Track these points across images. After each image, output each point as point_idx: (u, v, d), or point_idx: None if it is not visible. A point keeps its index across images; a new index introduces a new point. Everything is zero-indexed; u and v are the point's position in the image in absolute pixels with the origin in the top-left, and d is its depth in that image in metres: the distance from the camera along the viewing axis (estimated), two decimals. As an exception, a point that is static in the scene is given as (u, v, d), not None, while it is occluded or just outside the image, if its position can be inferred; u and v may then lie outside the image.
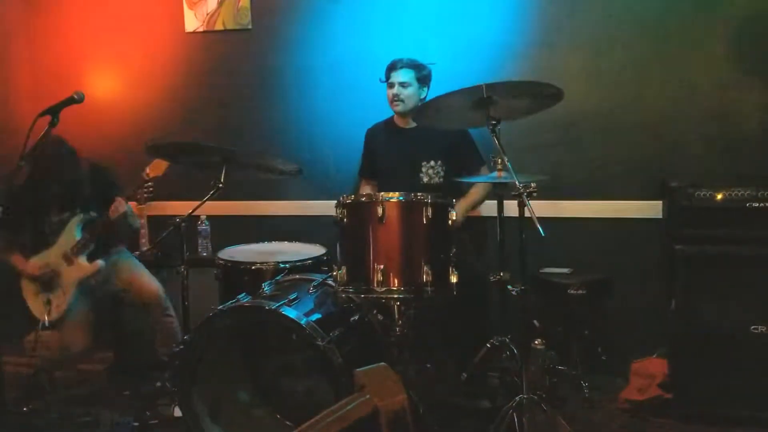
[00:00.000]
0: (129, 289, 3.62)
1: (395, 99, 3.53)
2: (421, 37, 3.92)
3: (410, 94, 3.52)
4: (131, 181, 3.57)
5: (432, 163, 3.54)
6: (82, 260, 3.48)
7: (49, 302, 3.48)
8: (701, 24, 3.54)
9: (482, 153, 3.58)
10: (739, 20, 3.49)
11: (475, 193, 3.56)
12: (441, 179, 3.55)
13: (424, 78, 3.55)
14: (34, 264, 3.53)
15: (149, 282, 3.63)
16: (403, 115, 3.59)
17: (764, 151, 3.49)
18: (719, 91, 3.54)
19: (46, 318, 3.44)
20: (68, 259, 3.47)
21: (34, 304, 3.53)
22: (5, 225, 3.55)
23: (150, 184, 3.62)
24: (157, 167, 3.43)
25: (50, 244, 3.54)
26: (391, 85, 3.54)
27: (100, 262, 3.49)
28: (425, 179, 3.54)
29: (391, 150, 3.65)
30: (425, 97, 3.55)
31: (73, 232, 3.50)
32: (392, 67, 3.53)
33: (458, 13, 3.87)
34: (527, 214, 2.50)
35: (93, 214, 3.56)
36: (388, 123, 3.70)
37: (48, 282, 3.50)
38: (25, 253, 3.59)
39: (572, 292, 3.33)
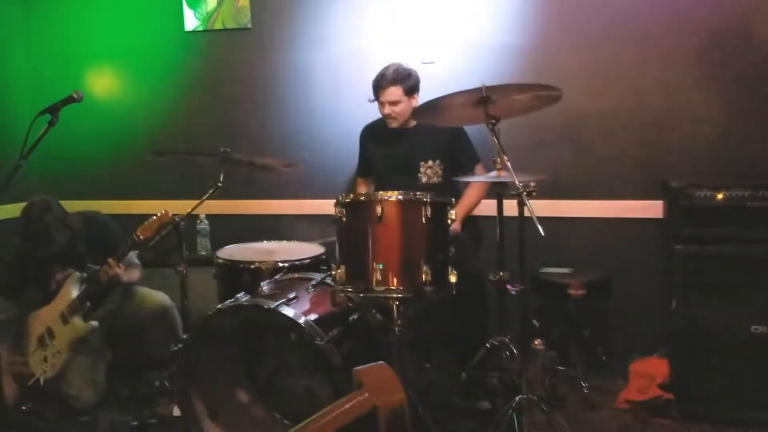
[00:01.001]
0: (142, 314, 3.58)
1: (388, 118, 3.52)
2: (420, 36, 3.92)
3: (402, 110, 3.47)
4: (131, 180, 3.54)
5: (430, 162, 3.53)
6: (78, 321, 3.36)
7: (45, 360, 3.39)
8: (702, 25, 3.53)
9: (477, 151, 3.58)
10: (738, 23, 3.49)
11: (471, 196, 3.53)
12: (440, 179, 3.53)
13: (411, 88, 3.47)
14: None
15: (154, 295, 3.60)
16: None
17: (764, 151, 3.49)
18: (720, 92, 3.54)
19: (42, 377, 3.36)
20: (64, 318, 3.38)
21: (32, 360, 3.45)
22: (5, 291, 3.53)
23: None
24: (149, 228, 3.19)
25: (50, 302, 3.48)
26: (381, 104, 3.50)
27: (93, 323, 3.39)
28: (424, 179, 3.53)
29: (388, 150, 3.64)
30: (417, 103, 3.51)
31: (70, 291, 3.41)
32: (379, 86, 3.46)
33: (458, 12, 3.87)
34: (527, 213, 2.50)
35: (94, 267, 3.45)
36: (385, 122, 3.68)
37: (44, 340, 3.42)
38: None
39: (572, 292, 3.32)
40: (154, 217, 3.21)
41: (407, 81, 3.45)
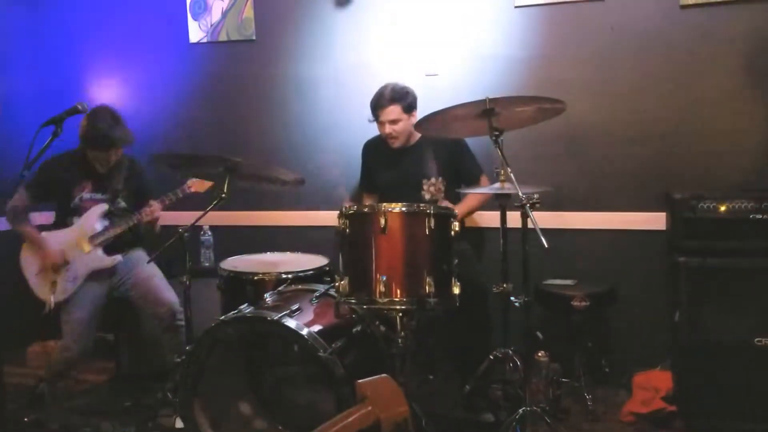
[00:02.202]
0: (144, 299, 3.58)
1: (389, 137, 3.54)
2: (423, 49, 3.94)
3: (402, 128, 3.51)
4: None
5: (433, 180, 3.53)
6: (100, 252, 3.45)
7: (54, 284, 3.40)
8: (704, 37, 3.54)
9: (479, 162, 3.59)
10: (741, 34, 3.50)
11: (471, 198, 3.55)
12: (443, 195, 3.54)
13: (410, 106, 3.51)
14: (53, 248, 3.43)
15: (165, 294, 3.55)
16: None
17: (767, 162, 3.49)
18: (722, 103, 3.55)
19: (52, 300, 3.36)
20: (86, 246, 3.42)
21: (37, 284, 3.45)
22: (34, 189, 3.51)
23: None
24: (201, 184, 3.43)
25: (69, 224, 3.50)
26: (381, 124, 3.53)
27: (118, 258, 3.48)
28: (427, 196, 3.54)
29: (390, 167, 3.65)
30: (416, 120, 3.52)
31: (94, 220, 3.46)
32: (378, 105, 3.49)
33: (461, 25, 3.88)
34: (530, 225, 2.50)
35: (122, 204, 3.55)
36: (383, 139, 3.68)
37: (57, 265, 3.42)
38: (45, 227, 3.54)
39: (575, 303, 3.31)
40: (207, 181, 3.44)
41: (405, 99, 3.49)
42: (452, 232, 2.67)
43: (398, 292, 2.55)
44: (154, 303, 3.54)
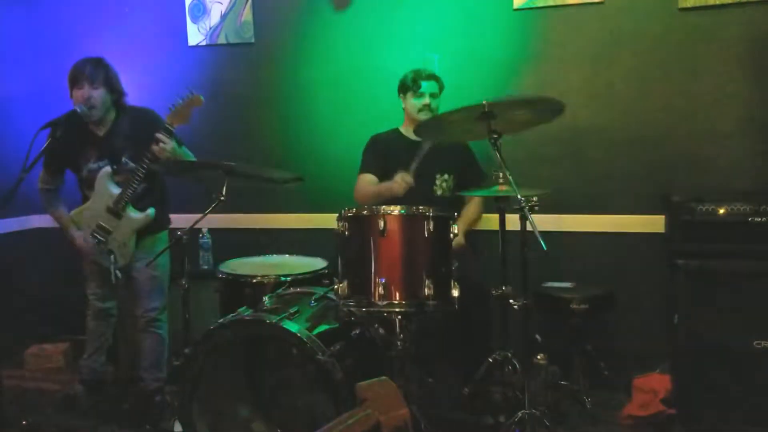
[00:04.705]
0: (130, 296, 3.52)
1: (425, 108, 3.51)
2: (422, 53, 3.93)
3: (437, 105, 3.54)
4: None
5: (445, 176, 3.55)
6: (131, 212, 3.33)
7: (110, 252, 3.34)
8: (702, 39, 3.55)
9: (482, 168, 3.59)
10: (739, 36, 3.50)
11: (471, 211, 3.55)
12: (450, 193, 3.56)
13: (441, 88, 3.58)
14: (79, 240, 3.41)
15: (147, 300, 3.47)
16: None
17: (766, 165, 3.49)
18: (721, 106, 3.55)
19: (113, 269, 3.33)
20: (115, 213, 3.32)
21: (98, 261, 3.42)
22: (46, 159, 3.40)
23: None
24: (180, 114, 3.26)
25: (87, 197, 3.43)
26: (421, 95, 3.52)
27: (150, 212, 3.36)
28: (438, 192, 3.55)
29: (405, 161, 3.62)
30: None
31: (106, 186, 3.34)
32: (420, 77, 3.52)
33: (461, 29, 3.89)
34: (529, 228, 2.50)
35: (129, 164, 3.36)
36: (397, 135, 3.67)
37: (97, 236, 3.35)
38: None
39: (574, 306, 3.31)
40: (181, 101, 3.26)
41: (440, 80, 3.57)
42: (451, 235, 2.67)
43: (397, 294, 2.56)
44: (137, 303, 3.48)
